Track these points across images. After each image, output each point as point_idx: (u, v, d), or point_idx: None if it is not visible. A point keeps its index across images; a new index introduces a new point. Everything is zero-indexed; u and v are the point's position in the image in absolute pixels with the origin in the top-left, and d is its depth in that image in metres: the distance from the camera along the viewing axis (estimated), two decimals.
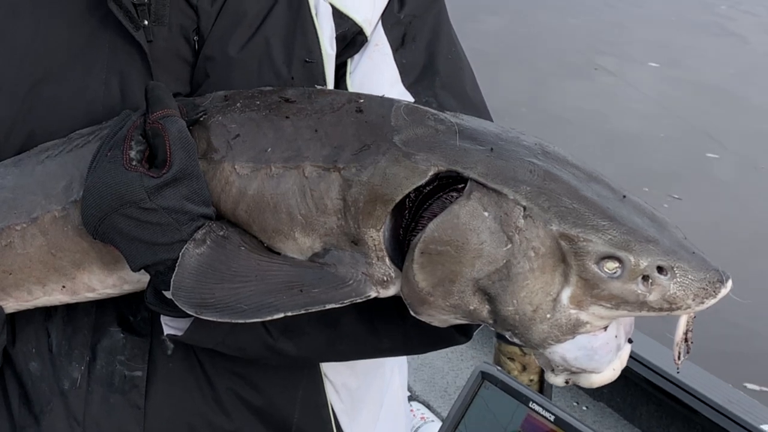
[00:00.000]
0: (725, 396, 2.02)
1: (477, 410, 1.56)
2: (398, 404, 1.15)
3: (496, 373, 1.56)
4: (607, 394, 2.31)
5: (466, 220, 0.79)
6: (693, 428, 2.07)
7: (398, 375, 1.15)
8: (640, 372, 2.18)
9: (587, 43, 7.42)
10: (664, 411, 2.15)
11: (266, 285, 0.82)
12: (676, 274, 0.77)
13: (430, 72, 0.98)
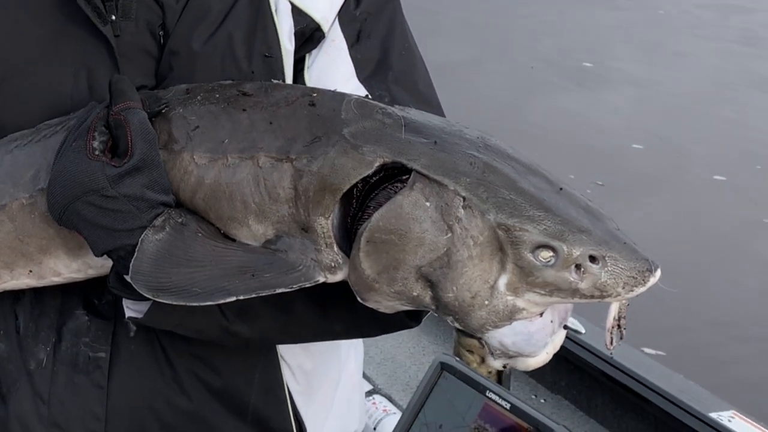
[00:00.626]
0: (676, 386, 2.09)
1: (436, 400, 1.61)
2: (353, 386, 1.20)
3: (454, 364, 1.61)
4: (564, 387, 2.37)
5: (409, 210, 0.83)
6: (645, 417, 2.14)
7: (354, 357, 1.19)
8: (597, 365, 2.24)
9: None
10: (618, 402, 2.22)
11: (220, 270, 0.86)
12: (608, 263, 0.81)
13: (383, 67, 1.03)
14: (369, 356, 2.51)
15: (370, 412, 2.19)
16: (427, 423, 1.61)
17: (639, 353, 2.26)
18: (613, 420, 2.23)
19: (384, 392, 2.31)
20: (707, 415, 1.98)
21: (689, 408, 2.01)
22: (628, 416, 2.20)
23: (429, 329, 2.66)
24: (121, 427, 1.02)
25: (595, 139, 5.63)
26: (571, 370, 2.32)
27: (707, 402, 2.04)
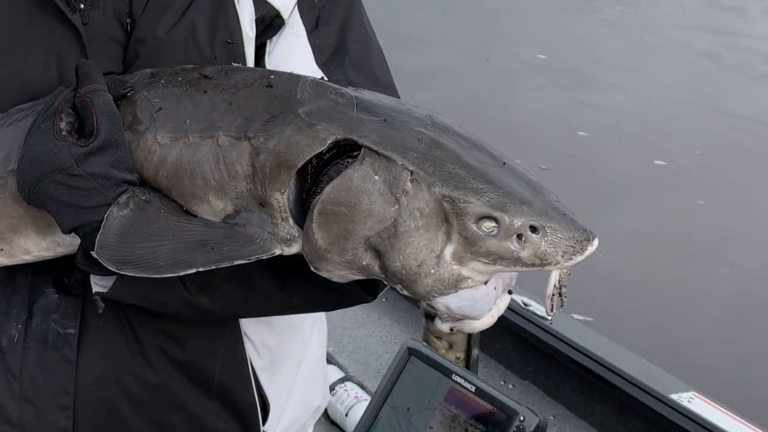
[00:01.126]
0: (638, 369, 2.15)
1: (404, 384, 1.65)
2: (317, 362, 1.24)
3: (421, 349, 1.65)
4: (532, 373, 2.42)
5: (358, 183, 0.87)
6: (610, 401, 2.19)
7: (317, 334, 1.24)
8: (564, 351, 2.29)
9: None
10: (584, 386, 2.27)
11: (181, 243, 0.90)
12: (547, 233, 0.85)
13: (340, 52, 1.07)
14: (342, 345, 2.56)
15: (342, 399, 2.23)
16: (396, 406, 1.66)
17: (604, 339, 2.31)
18: (579, 404, 2.28)
19: (356, 380, 2.35)
20: (668, 396, 2.04)
21: (651, 390, 2.07)
22: (593, 400, 2.25)
23: (401, 318, 2.70)
24: (90, 400, 1.06)
25: (573, 140, 5.70)
26: (539, 356, 2.38)
27: (668, 384, 2.10)
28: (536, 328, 2.36)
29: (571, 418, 2.28)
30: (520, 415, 1.51)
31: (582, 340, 2.30)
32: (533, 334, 2.35)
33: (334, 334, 2.61)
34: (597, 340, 2.31)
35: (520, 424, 1.51)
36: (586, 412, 2.27)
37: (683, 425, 1.99)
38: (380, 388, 1.66)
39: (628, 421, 2.15)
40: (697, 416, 1.98)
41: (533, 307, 2.37)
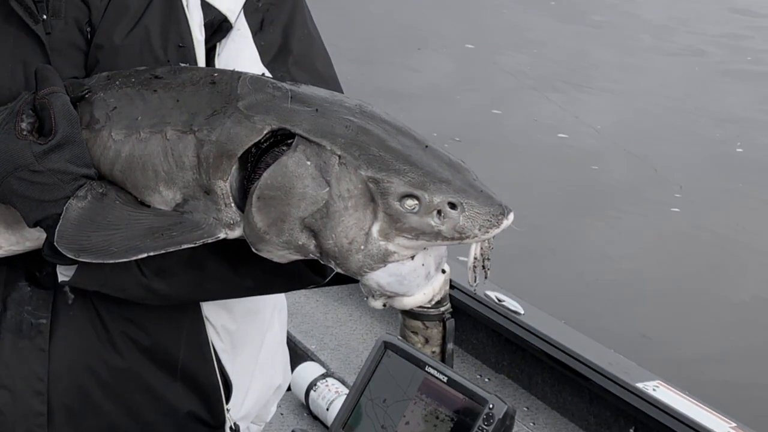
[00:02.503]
0: (607, 360, 2.24)
1: (380, 377, 1.73)
2: (277, 345, 1.33)
3: (397, 342, 1.74)
4: (507, 367, 2.50)
5: (292, 169, 0.96)
6: (581, 391, 2.27)
7: (278, 318, 1.33)
8: (537, 345, 2.37)
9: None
10: (556, 378, 2.35)
11: (134, 231, 0.99)
12: (465, 208, 0.93)
13: (284, 51, 1.16)
14: (324, 343, 2.64)
15: (324, 394, 2.31)
16: (373, 398, 1.74)
17: (575, 332, 2.40)
18: (552, 396, 2.37)
19: (337, 375, 2.43)
20: (634, 385, 2.13)
21: (618, 380, 2.15)
22: (565, 391, 2.33)
23: (381, 317, 2.78)
24: (63, 385, 1.14)
25: (567, 150, 5.76)
26: (513, 350, 2.46)
27: (634, 373, 2.19)
28: (511, 323, 2.44)
29: (544, 409, 2.36)
30: (489, 403, 1.59)
31: (555, 334, 2.38)
32: (508, 329, 2.43)
33: (316, 332, 2.69)
34: (568, 333, 2.39)
35: (489, 412, 1.60)
36: (558, 403, 2.35)
37: (649, 412, 2.07)
38: (358, 381, 1.74)
39: (598, 410, 2.23)
40: (661, 403, 2.07)
41: (507, 303, 2.46)
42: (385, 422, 1.71)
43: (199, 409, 1.21)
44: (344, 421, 1.73)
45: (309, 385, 2.36)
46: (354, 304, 2.86)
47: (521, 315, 2.41)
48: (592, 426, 2.26)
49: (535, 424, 2.30)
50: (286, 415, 2.41)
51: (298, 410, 2.42)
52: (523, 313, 2.41)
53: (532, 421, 2.32)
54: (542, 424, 2.30)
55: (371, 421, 1.73)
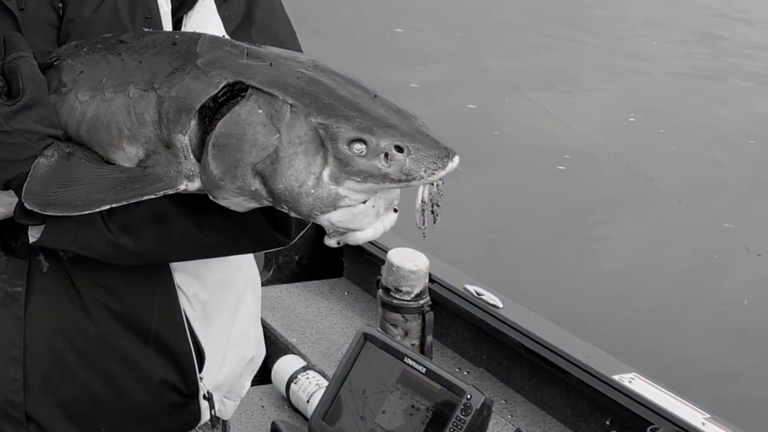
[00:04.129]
0: (584, 353, 2.26)
1: (360, 368, 1.77)
2: (251, 319, 1.36)
3: (376, 334, 1.77)
4: (486, 360, 2.52)
5: (245, 117, 1.00)
6: (559, 384, 2.30)
7: (251, 292, 1.36)
8: (515, 338, 2.40)
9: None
10: (534, 371, 2.37)
11: (98, 185, 1.03)
12: (411, 151, 0.98)
13: (247, 21, 1.20)
14: (305, 336, 2.65)
15: (304, 387, 2.33)
16: (352, 389, 1.77)
17: (553, 326, 2.42)
18: (530, 389, 2.39)
19: (317, 368, 2.44)
20: (611, 377, 2.16)
21: (595, 372, 2.18)
22: (543, 384, 2.36)
23: (362, 310, 2.80)
24: (38, 352, 1.17)
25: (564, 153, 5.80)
26: (492, 344, 2.48)
27: (611, 366, 2.22)
28: (489, 317, 2.46)
29: (522, 402, 2.39)
30: (467, 394, 1.63)
31: (533, 327, 2.40)
32: (486, 323, 2.45)
33: (297, 326, 2.70)
34: (546, 326, 2.42)
35: (467, 402, 1.64)
36: (536, 395, 2.38)
37: (624, 404, 2.10)
38: (337, 372, 1.78)
39: (575, 402, 2.26)
40: (637, 395, 2.09)
41: (486, 297, 2.48)
42: (365, 413, 1.74)
43: (172, 377, 1.24)
44: (324, 412, 1.76)
45: (290, 377, 2.37)
46: (335, 298, 2.87)
47: (500, 309, 2.43)
48: (569, 418, 2.28)
49: (513, 416, 2.33)
50: (267, 408, 2.42)
51: (279, 403, 2.44)
52: (501, 306, 2.44)
53: (510, 413, 2.34)
54: (520, 416, 2.33)
55: (351, 412, 1.76)
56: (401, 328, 2.28)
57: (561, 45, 8.44)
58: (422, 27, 8.72)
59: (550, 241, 4.70)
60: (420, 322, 2.27)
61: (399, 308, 2.28)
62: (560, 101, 6.90)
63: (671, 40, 8.82)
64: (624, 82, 7.45)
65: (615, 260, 4.53)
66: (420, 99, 6.37)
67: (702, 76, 7.82)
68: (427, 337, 2.28)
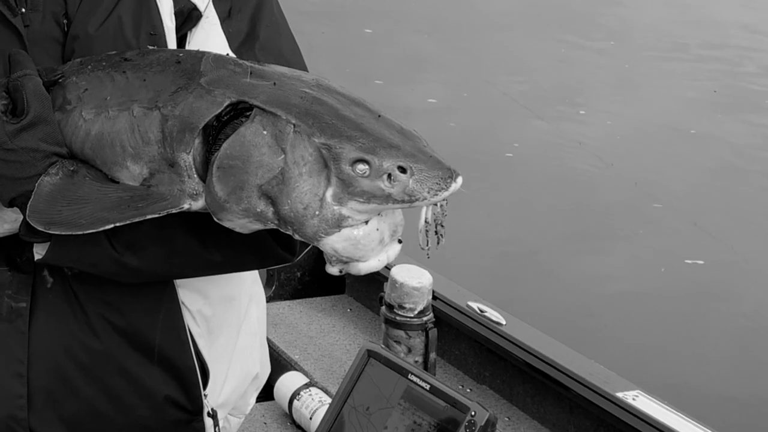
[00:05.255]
0: (587, 370, 2.26)
1: (363, 385, 1.75)
2: (254, 335, 1.36)
3: (380, 351, 1.75)
4: (489, 378, 2.52)
5: (250, 138, 1.00)
6: (562, 401, 2.29)
7: (255, 308, 1.36)
8: (518, 355, 2.39)
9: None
10: (537, 389, 2.37)
11: (102, 204, 1.03)
12: (414, 172, 0.97)
13: (251, 38, 1.20)
14: (307, 353, 2.65)
15: (307, 404, 2.32)
16: (356, 406, 1.75)
17: (556, 342, 2.42)
18: (533, 406, 2.39)
19: (320, 385, 2.44)
20: (614, 394, 2.15)
21: (599, 389, 2.17)
22: (546, 402, 2.35)
23: (365, 327, 2.80)
24: (42, 368, 1.17)
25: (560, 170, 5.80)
26: (495, 360, 2.48)
27: (615, 383, 2.21)
28: (493, 333, 2.46)
29: (525, 419, 2.38)
30: (471, 410, 1.61)
31: (536, 344, 2.40)
32: (490, 340, 2.45)
33: (299, 342, 2.70)
34: (549, 343, 2.41)
35: (471, 419, 1.62)
36: (539, 413, 2.37)
37: (628, 422, 2.10)
38: (341, 389, 1.76)
39: (578, 419, 2.25)
40: (641, 413, 2.09)
41: (489, 314, 2.48)
42: (368, 430, 1.73)
43: (176, 394, 1.24)
44: (327, 428, 1.75)
45: (292, 394, 2.37)
46: (337, 315, 2.87)
47: (503, 326, 2.43)
48: None
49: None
50: (270, 425, 2.42)
51: (282, 420, 2.43)
52: (505, 323, 2.44)
53: (513, 430, 2.33)
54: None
55: (354, 428, 1.75)
56: (404, 345, 2.28)
57: (571, 59, 8.45)
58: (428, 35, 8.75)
59: (554, 259, 4.69)
60: (423, 339, 2.27)
61: (402, 325, 2.28)
62: (569, 117, 6.90)
63: (685, 56, 8.82)
64: (635, 97, 7.45)
65: (620, 279, 4.52)
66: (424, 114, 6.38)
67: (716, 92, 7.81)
68: (430, 353, 2.28)
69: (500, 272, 4.53)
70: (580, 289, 4.40)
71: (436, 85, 7.41)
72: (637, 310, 4.23)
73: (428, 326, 2.28)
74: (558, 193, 5.47)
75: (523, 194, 5.43)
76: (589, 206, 5.33)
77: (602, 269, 4.62)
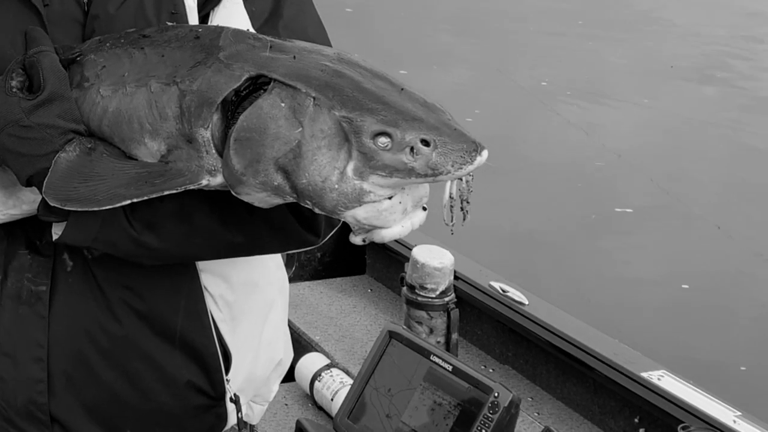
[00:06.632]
0: (612, 350, 2.23)
1: (385, 366, 1.75)
2: (280, 322, 1.34)
3: (401, 332, 1.75)
4: (512, 358, 2.50)
5: (267, 111, 0.98)
6: (585, 381, 2.27)
7: (280, 298, 1.34)
8: (541, 335, 2.37)
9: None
10: (561, 369, 2.34)
11: (119, 180, 1.01)
12: (438, 145, 0.94)
13: (275, 16, 1.18)
14: (328, 333, 2.64)
15: (328, 385, 2.31)
16: (377, 387, 1.75)
17: (579, 323, 2.39)
18: (556, 386, 2.36)
19: (341, 366, 2.43)
20: (639, 375, 2.12)
21: (623, 369, 2.14)
22: (570, 382, 2.33)
23: (385, 308, 2.79)
24: (62, 352, 1.16)
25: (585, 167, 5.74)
26: (518, 341, 2.46)
27: (639, 363, 2.18)
28: (515, 314, 2.43)
29: (549, 399, 2.36)
30: (495, 392, 1.61)
31: (559, 324, 2.37)
32: (512, 320, 2.43)
33: (320, 323, 2.69)
34: (573, 323, 2.39)
35: (495, 400, 1.61)
36: (563, 393, 2.35)
37: (654, 401, 2.07)
38: (362, 370, 1.75)
39: (603, 399, 2.23)
40: (667, 393, 2.06)
41: (511, 294, 2.45)
42: (390, 411, 1.72)
43: (198, 379, 1.22)
44: (349, 410, 1.74)
45: (313, 375, 2.36)
46: (358, 296, 2.86)
47: (526, 305, 2.41)
48: (596, 416, 2.25)
49: (540, 414, 2.30)
50: (291, 406, 2.41)
51: (303, 401, 2.43)
52: (527, 303, 2.41)
53: (536, 411, 2.32)
54: (546, 414, 2.30)
55: (376, 410, 1.74)
56: (426, 326, 2.26)
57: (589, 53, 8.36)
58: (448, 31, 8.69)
59: (576, 247, 4.66)
60: (445, 320, 2.25)
61: (424, 306, 2.26)
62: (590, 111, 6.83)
63: (707, 51, 8.68)
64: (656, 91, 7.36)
65: (644, 266, 4.49)
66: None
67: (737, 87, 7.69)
68: (452, 334, 2.26)
69: (522, 253, 4.50)
70: (603, 270, 4.37)
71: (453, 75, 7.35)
72: (661, 295, 4.20)
73: (450, 306, 2.26)
74: (582, 177, 5.43)
75: (547, 178, 5.39)
76: (612, 189, 5.29)
77: (626, 251, 4.58)
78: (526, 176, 5.41)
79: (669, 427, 2.01)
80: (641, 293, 4.20)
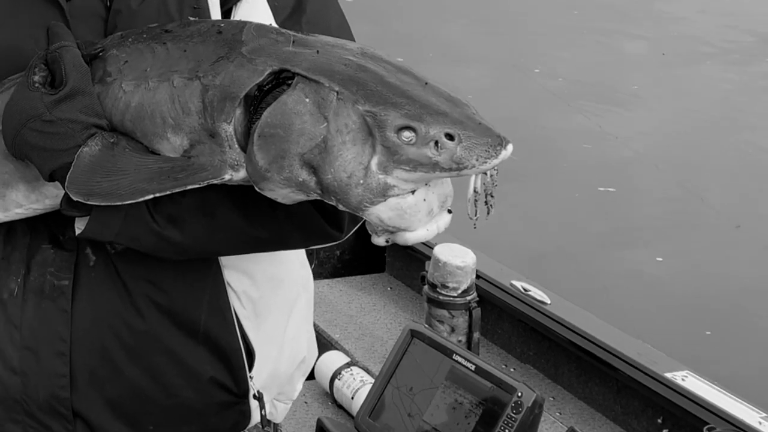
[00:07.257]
0: (635, 350, 2.21)
1: (407, 364, 1.74)
2: (303, 320, 1.34)
3: (423, 331, 1.74)
4: (533, 357, 2.48)
5: (291, 106, 0.97)
6: (608, 381, 2.25)
7: (304, 296, 1.34)
8: (563, 334, 2.35)
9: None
10: (583, 368, 2.33)
11: (142, 175, 1.01)
12: (462, 139, 0.94)
13: (298, 11, 1.18)
14: (348, 332, 2.63)
15: (348, 383, 2.31)
16: (399, 386, 1.74)
17: (602, 323, 2.37)
18: (578, 386, 2.35)
19: (362, 364, 2.42)
20: (663, 375, 2.10)
21: (646, 369, 2.12)
22: (592, 382, 2.31)
23: (405, 306, 2.78)
24: (85, 347, 1.16)
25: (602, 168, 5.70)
26: (539, 340, 2.44)
27: (663, 363, 2.16)
28: (537, 312, 2.42)
29: (571, 399, 2.34)
30: (518, 392, 1.59)
31: (581, 323, 2.36)
32: (534, 319, 2.41)
33: (340, 321, 2.68)
34: (595, 323, 2.37)
35: (518, 400, 1.60)
36: (585, 393, 2.33)
37: (678, 402, 2.05)
38: (384, 369, 1.74)
39: (626, 400, 2.21)
40: (690, 393, 2.04)
41: (533, 293, 2.44)
42: (412, 410, 1.71)
43: (221, 376, 1.22)
44: (371, 409, 1.73)
45: (333, 374, 2.35)
46: (378, 294, 2.85)
47: (548, 305, 2.39)
48: (619, 416, 2.23)
49: (562, 414, 2.29)
50: (311, 404, 2.41)
51: (323, 399, 2.42)
52: (549, 303, 2.39)
53: (558, 411, 2.30)
54: (569, 414, 2.28)
55: (397, 409, 1.73)
56: (448, 325, 2.25)
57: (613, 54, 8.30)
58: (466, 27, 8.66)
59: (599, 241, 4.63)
60: (467, 319, 2.24)
61: (445, 304, 2.25)
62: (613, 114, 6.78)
63: (732, 51, 8.60)
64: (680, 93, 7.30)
65: (667, 266, 4.45)
66: None
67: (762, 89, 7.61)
68: (474, 333, 2.24)
69: (544, 253, 4.47)
70: (626, 269, 4.34)
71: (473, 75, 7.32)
72: (684, 298, 4.16)
73: (472, 305, 2.25)
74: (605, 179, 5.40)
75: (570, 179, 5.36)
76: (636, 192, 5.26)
77: (649, 251, 4.55)
78: (548, 187, 5.38)
79: (693, 428, 1.99)
80: (664, 294, 4.17)
